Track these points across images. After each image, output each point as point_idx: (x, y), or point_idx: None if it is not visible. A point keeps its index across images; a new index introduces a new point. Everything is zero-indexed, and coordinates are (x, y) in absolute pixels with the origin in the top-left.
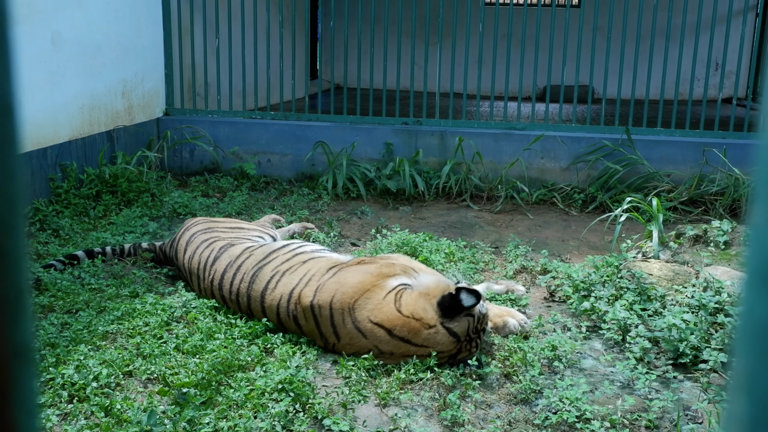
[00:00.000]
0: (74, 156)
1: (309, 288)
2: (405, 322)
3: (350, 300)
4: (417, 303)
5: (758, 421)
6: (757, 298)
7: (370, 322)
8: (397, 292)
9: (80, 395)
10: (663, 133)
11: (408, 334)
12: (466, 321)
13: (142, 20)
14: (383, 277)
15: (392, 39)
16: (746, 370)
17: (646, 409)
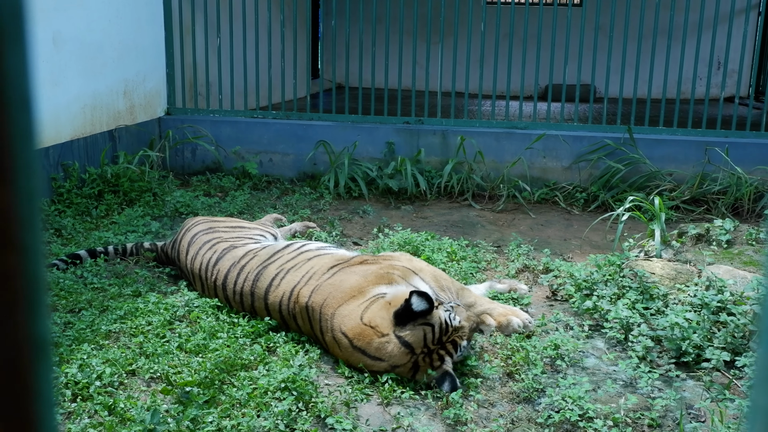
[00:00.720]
0: (76, 155)
1: (307, 287)
2: (362, 330)
3: (337, 305)
4: (378, 311)
5: None
6: None
7: (340, 331)
8: (373, 300)
9: (84, 394)
10: (665, 132)
11: (363, 343)
12: (421, 330)
13: (144, 20)
14: (375, 283)
15: (394, 38)
16: None
17: (648, 407)
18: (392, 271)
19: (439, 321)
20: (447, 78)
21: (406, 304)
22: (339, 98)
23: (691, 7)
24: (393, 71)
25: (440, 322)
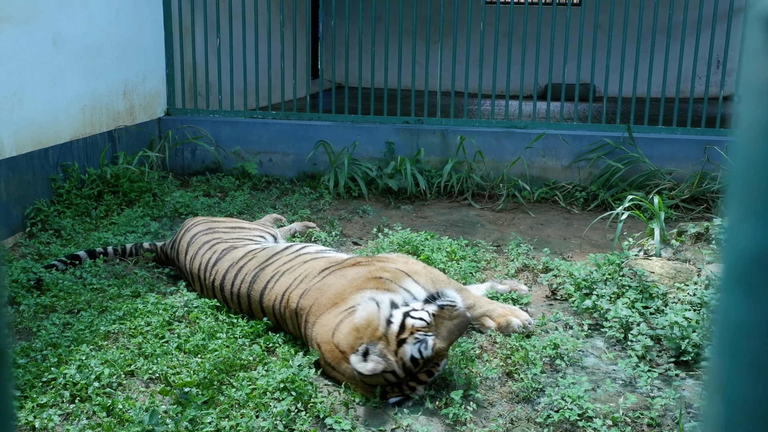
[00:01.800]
0: (76, 156)
1: (297, 291)
2: (331, 349)
3: (319, 313)
4: (346, 336)
5: (732, 421)
6: (731, 299)
7: (316, 342)
8: (349, 313)
9: (82, 395)
10: (664, 131)
11: (333, 360)
12: (379, 376)
13: (144, 20)
14: (360, 288)
15: (393, 38)
16: (721, 371)
17: (648, 407)
18: (383, 274)
19: (401, 363)
20: (446, 77)
21: None
22: (339, 98)
23: (690, 5)
24: (392, 71)
25: (402, 363)
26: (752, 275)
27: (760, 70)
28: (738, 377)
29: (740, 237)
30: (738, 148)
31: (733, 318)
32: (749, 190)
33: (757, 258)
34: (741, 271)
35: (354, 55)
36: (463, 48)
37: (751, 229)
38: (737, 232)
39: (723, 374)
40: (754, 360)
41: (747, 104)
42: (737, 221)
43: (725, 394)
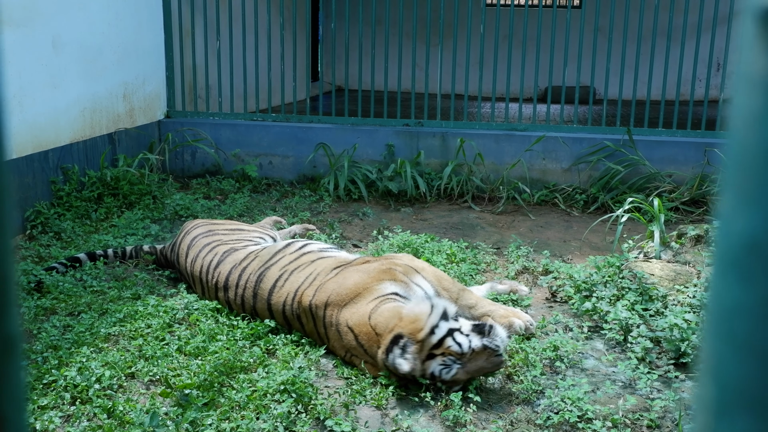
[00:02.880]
0: (76, 159)
1: (311, 288)
2: (368, 331)
3: (342, 302)
4: (388, 320)
5: (724, 404)
6: (724, 285)
7: (346, 324)
8: (382, 300)
9: (83, 397)
10: (664, 134)
11: (366, 342)
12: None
13: (143, 23)
14: (379, 280)
15: (393, 40)
16: (713, 354)
17: (647, 408)
18: (394, 267)
19: (422, 370)
20: (446, 80)
21: (391, 347)
22: (339, 101)
23: (690, 8)
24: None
25: (422, 372)
26: (745, 260)
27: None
28: (730, 359)
29: (734, 223)
30: (732, 137)
31: (727, 302)
32: (743, 178)
33: (749, 243)
34: (734, 257)
35: (354, 58)
36: (463, 50)
37: (745, 215)
38: (731, 218)
39: (716, 357)
40: (746, 341)
41: (741, 95)
42: (731, 208)
43: (718, 376)
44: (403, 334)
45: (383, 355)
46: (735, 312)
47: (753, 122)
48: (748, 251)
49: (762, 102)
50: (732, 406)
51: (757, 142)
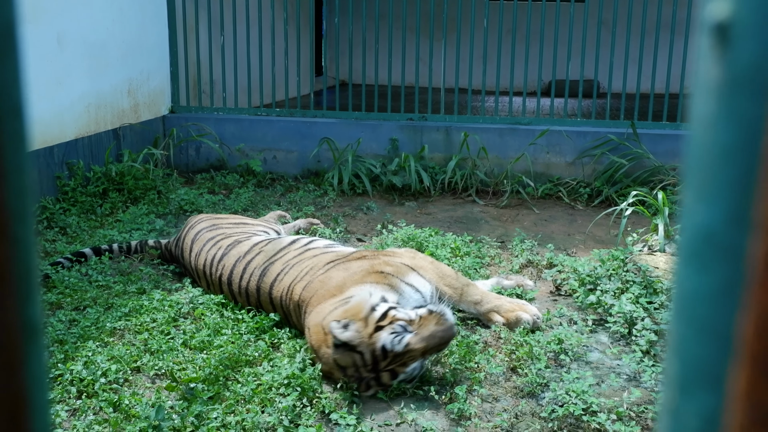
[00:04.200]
0: (81, 154)
1: (302, 283)
2: (317, 331)
3: (317, 302)
4: (335, 318)
5: (687, 380)
6: (685, 273)
7: (307, 326)
8: (343, 302)
9: (89, 391)
10: (668, 127)
11: (316, 342)
12: (349, 356)
13: (148, 18)
14: (360, 281)
15: (397, 35)
16: (677, 335)
17: (652, 401)
18: (385, 268)
19: (371, 348)
20: (450, 74)
21: None
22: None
23: (693, 1)
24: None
25: (372, 350)
26: (703, 250)
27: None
28: (691, 340)
29: (693, 217)
30: (691, 138)
31: (688, 288)
32: (700, 176)
33: (706, 235)
34: (694, 247)
35: (358, 52)
36: (467, 45)
37: (702, 210)
38: (691, 212)
39: (679, 338)
40: (705, 324)
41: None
42: (691, 203)
43: (680, 355)
44: (344, 319)
45: (326, 349)
46: (695, 297)
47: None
48: (706, 242)
49: (715, 107)
50: (693, 382)
51: (712, 143)
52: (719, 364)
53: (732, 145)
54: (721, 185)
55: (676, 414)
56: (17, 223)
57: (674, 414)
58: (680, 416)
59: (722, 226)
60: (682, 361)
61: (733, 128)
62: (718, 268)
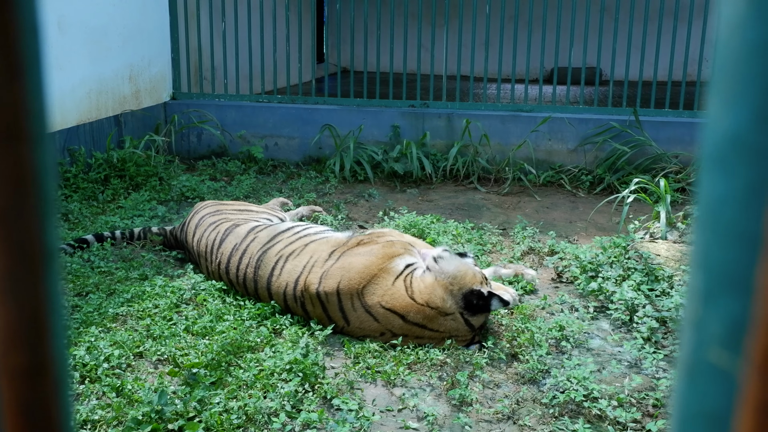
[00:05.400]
0: (82, 140)
1: (314, 275)
2: (419, 310)
3: (357, 285)
4: (433, 292)
5: (711, 288)
6: (711, 178)
7: (381, 307)
8: (406, 278)
9: (92, 376)
10: (671, 115)
11: (423, 320)
12: (485, 316)
13: (149, 4)
14: (387, 258)
15: (399, 21)
16: (701, 245)
17: (653, 388)
18: (393, 248)
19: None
20: (452, 61)
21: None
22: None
23: None
24: (398, 54)
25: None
26: (728, 155)
27: None
28: (716, 246)
29: (719, 122)
30: (718, 41)
31: (713, 195)
32: (728, 80)
33: (732, 139)
34: (719, 152)
35: (359, 39)
36: (469, 31)
37: (728, 113)
38: (717, 118)
39: (703, 246)
40: (730, 228)
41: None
42: (716, 108)
43: (705, 263)
44: (474, 289)
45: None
46: (721, 202)
47: (736, 27)
48: (731, 146)
49: (744, 8)
50: (717, 290)
51: (740, 42)
52: (745, 268)
53: (761, 42)
54: (749, 85)
55: (699, 325)
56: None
57: (697, 326)
58: (704, 326)
59: (749, 127)
60: (706, 269)
61: (762, 25)
62: (744, 171)
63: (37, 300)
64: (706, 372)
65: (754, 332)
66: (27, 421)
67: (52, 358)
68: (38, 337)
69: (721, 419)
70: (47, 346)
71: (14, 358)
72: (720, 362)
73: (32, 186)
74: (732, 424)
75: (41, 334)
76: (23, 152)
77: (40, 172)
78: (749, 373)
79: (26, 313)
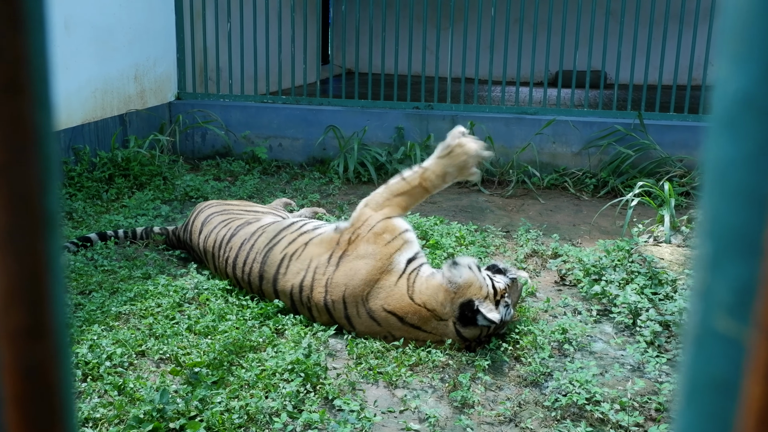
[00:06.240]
0: (87, 139)
1: (318, 284)
2: (416, 311)
3: (362, 292)
4: (434, 295)
5: (719, 254)
6: (720, 140)
7: (384, 310)
8: (409, 276)
9: (94, 374)
10: (676, 118)
11: (418, 321)
12: (478, 330)
13: (155, 4)
14: (387, 258)
15: (404, 23)
16: (710, 210)
17: (656, 391)
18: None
19: (499, 321)
20: (457, 63)
21: (473, 313)
22: (349, 83)
23: None
24: (403, 56)
25: (498, 323)
26: (738, 116)
27: None
28: (724, 209)
29: (729, 83)
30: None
31: (722, 157)
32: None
33: (742, 100)
34: (729, 114)
35: (364, 41)
36: (474, 34)
37: (738, 74)
38: (727, 80)
39: (711, 211)
40: (739, 190)
41: None
42: (725, 69)
43: (713, 229)
44: (472, 300)
45: (459, 327)
46: (730, 165)
47: None
48: (741, 107)
49: None
50: (725, 255)
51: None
52: (754, 231)
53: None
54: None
55: (707, 293)
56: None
57: (705, 294)
58: (712, 294)
59: (759, 87)
60: (713, 235)
61: None
62: (754, 132)
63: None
64: (713, 340)
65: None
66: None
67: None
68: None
69: (729, 387)
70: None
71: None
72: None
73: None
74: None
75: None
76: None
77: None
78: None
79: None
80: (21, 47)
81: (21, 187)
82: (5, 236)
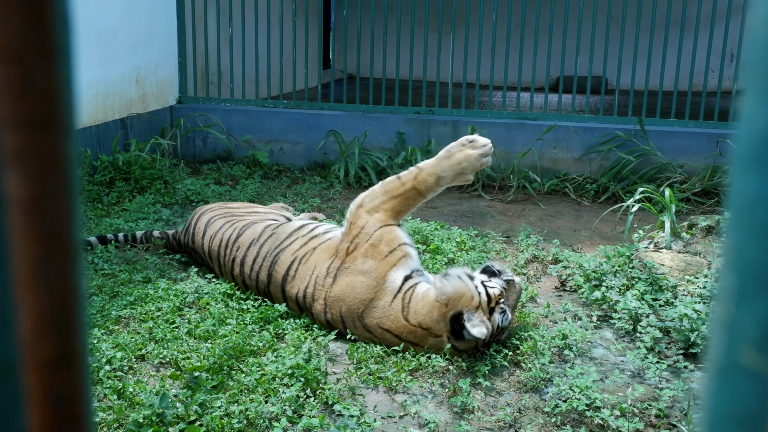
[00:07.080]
0: (88, 143)
1: (319, 297)
2: (411, 330)
3: (357, 310)
4: (429, 314)
5: (744, 288)
6: (746, 176)
7: (379, 328)
8: (405, 295)
9: (93, 378)
10: (677, 124)
11: (415, 339)
12: (474, 342)
13: (157, 8)
14: (383, 276)
15: (405, 28)
16: (735, 245)
17: (656, 398)
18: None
19: (491, 329)
20: (458, 68)
21: (461, 329)
22: (350, 88)
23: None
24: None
25: (492, 331)
26: (763, 152)
27: None
28: (750, 243)
29: (755, 120)
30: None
31: (748, 193)
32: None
33: None
34: (754, 150)
35: (366, 45)
36: (475, 39)
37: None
38: (752, 115)
39: (737, 246)
40: (765, 225)
41: None
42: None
43: (738, 264)
44: (461, 312)
45: (453, 341)
46: (755, 201)
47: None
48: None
49: None
50: (751, 290)
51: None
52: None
53: None
54: None
55: (731, 327)
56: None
57: (730, 327)
58: (737, 327)
59: None
60: (739, 270)
61: None
62: None
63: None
64: (738, 374)
65: None
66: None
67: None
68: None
69: (754, 421)
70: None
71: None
72: (753, 364)
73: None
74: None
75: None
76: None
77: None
78: None
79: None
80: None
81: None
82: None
